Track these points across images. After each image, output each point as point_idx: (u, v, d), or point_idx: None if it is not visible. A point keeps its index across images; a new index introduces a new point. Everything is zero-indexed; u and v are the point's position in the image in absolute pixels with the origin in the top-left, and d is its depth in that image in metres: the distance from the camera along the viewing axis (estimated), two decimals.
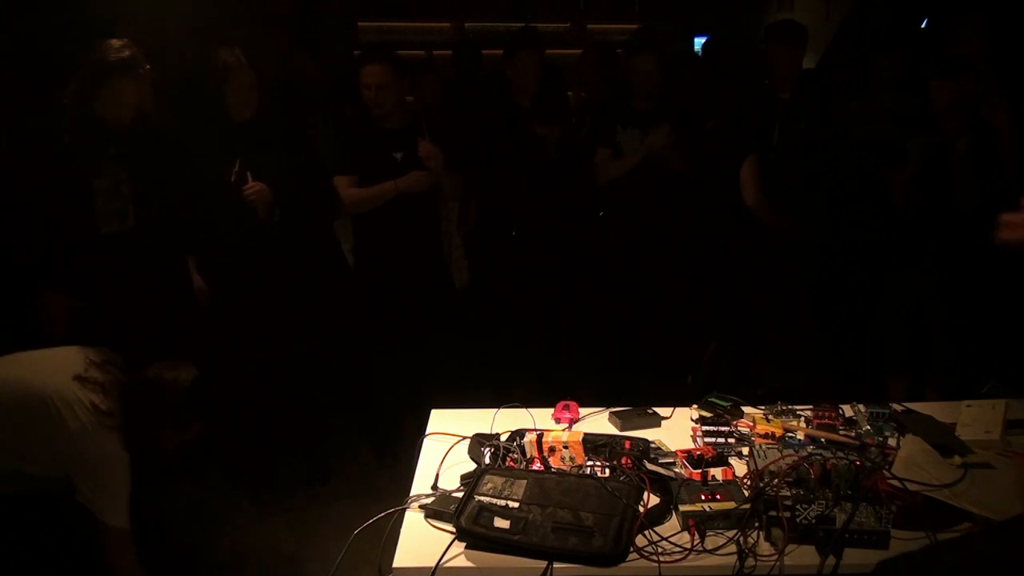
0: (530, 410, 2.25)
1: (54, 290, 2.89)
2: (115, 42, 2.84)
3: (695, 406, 2.19)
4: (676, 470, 1.88)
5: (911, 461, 1.85)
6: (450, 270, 3.93)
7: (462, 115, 4.24)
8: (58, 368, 2.21)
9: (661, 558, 1.61)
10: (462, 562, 1.63)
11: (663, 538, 1.66)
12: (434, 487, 1.88)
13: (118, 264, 2.93)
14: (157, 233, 3.03)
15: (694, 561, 1.61)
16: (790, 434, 2.03)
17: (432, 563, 1.61)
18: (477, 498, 1.71)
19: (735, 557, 1.60)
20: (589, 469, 1.89)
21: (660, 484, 1.81)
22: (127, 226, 2.96)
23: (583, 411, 2.28)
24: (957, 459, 1.88)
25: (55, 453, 2.15)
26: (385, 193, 3.36)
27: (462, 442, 2.07)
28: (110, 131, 2.89)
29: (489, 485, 1.76)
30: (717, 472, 1.85)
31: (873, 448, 1.94)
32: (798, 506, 1.63)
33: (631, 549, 1.62)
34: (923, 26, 4.78)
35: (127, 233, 2.96)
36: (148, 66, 2.90)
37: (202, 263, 3.35)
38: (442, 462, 1.96)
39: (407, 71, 3.50)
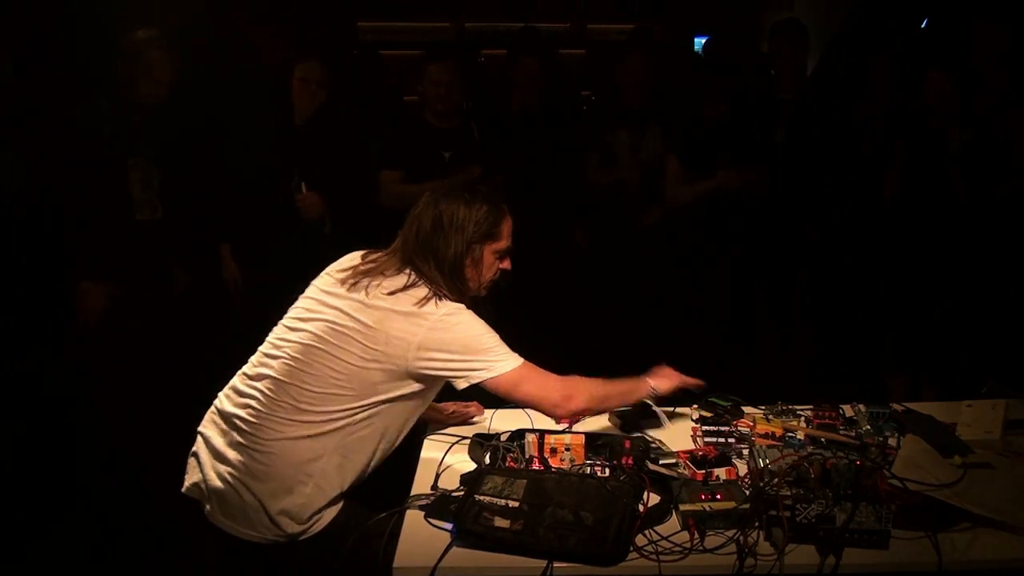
0: (529, 410, 2.24)
1: (91, 278, 3.00)
2: (140, 30, 3.07)
3: (695, 406, 2.19)
4: (679, 471, 1.88)
5: (911, 461, 1.85)
6: None
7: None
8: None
9: (661, 558, 1.61)
10: (462, 562, 1.63)
11: (663, 537, 1.66)
12: (434, 487, 1.88)
13: (151, 251, 3.13)
14: (186, 223, 3.23)
15: (694, 561, 1.61)
16: (790, 434, 2.03)
17: (432, 563, 1.61)
18: (477, 498, 1.71)
19: (735, 557, 1.60)
20: (589, 469, 1.89)
21: (660, 484, 1.81)
22: (157, 216, 3.16)
23: None
24: (957, 459, 1.88)
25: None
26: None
27: (462, 442, 2.07)
28: (145, 114, 3.08)
29: (489, 485, 1.76)
30: (721, 472, 1.85)
31: (873, 448, 1.94)
32: (798, 506, 1.63)
33: (631, 549, 1.62)
34: (923, 26, 4.78)
35: (158, 222, 3.16)
36: (167, 52, 3.11)
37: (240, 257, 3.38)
38: (442, 462, 1.96)
39: (465, 72, 3.54)
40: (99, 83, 3.13)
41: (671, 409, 2.27)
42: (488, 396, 1.91)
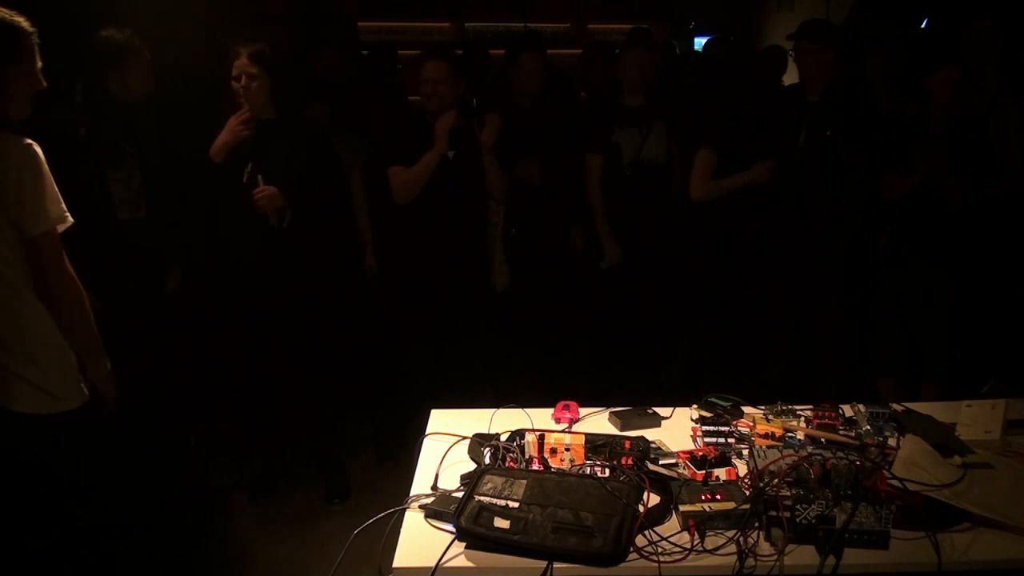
0: (529, 410, 2.25)
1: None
2: (114, 30, 3.02)
3: (695, 406, 2.19)
4: (679, 471, 1.88)
5: (911, 461, 1.85)
6: (492, 273, 3.80)
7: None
8: None
9: (661, 558, 1.61)
10: (462, 562, 1.63)
11: (663, 538, 1.66)
12: (434, 487, 1.88)
13: (133, 250, 3.09)
14: (169, 223, 3.19)
15: (694, 561, 1.61)
16: (790, 434, 2.03)
17: (432, 563, 1.61)
18: (477, 498, 1.71)
19: (735, 557, 1.60)
20: (589, 469, 1.89)
21: (660, 484, 1.81)
22: (140, 215, 3.13)
23: (583, 411, 2.28)
24: (957, 459, 1.88)
25: None
26: (428, 165, 3.31)
27: (462, 442, 2.07)
28: (122, 118, 3.05)
29: (489, 485, 1.76)
30: (721, 472, 1.85)
31: (873, 448, 1.94)
32: (798, 506, 1.63)
33: (631, 549, 1.62)
34: (923, 26, 4.79)
35: (141, 221, 3.13)
36: (148, 52, 3.09)
37: (201, 262, 3.36)
38: (442, 462, 1.96)
39: (459, 72, 3.48)
40: (72, 82, 3.06)
41: (671, 409, 2.28)
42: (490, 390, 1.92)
